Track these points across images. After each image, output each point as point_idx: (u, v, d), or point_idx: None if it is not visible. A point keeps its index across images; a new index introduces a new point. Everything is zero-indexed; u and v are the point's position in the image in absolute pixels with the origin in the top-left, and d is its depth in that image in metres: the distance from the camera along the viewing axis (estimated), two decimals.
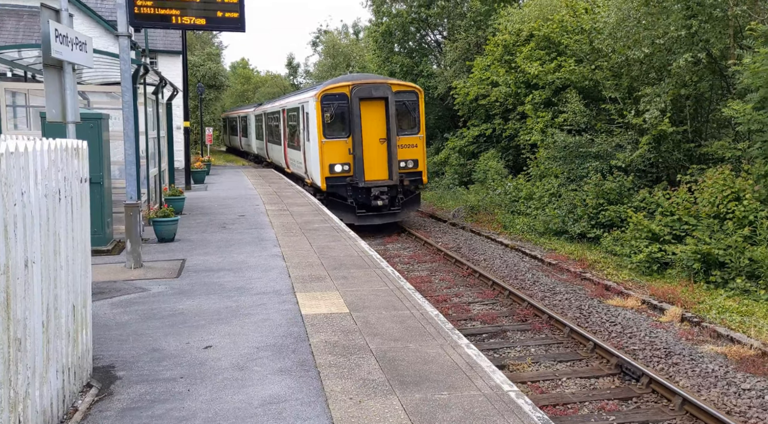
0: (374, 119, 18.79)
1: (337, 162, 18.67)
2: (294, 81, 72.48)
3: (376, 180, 18.74)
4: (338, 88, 19.08)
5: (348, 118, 18.70)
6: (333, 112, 18.72)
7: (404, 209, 19.49)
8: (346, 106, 18.70)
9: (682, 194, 14.75)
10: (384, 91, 18.80)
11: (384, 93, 18.79)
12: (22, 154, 4.34)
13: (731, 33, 16.20)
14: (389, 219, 19.07)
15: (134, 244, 10.34)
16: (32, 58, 14.23)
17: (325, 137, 18.71)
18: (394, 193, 18.97)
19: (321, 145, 18.77)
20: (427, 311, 7.81)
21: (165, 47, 34.38)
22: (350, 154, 18.60)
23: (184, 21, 11.55)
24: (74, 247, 5.48)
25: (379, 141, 18.92)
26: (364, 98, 18.61)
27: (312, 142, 19.63)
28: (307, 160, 20.75)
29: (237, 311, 7.94)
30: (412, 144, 19.46)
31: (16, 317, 4.19)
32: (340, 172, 18.68)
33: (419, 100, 19.70)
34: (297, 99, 23.35)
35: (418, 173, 19.63)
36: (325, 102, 18.77)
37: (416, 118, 19.64)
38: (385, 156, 18.89)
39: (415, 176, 19.60)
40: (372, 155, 18.73)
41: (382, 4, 34.40)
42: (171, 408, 5.31)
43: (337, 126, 18.92)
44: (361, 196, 18.63)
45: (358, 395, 5.46)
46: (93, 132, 10.83)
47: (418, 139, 19.64)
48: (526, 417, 5.03)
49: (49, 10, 7.49)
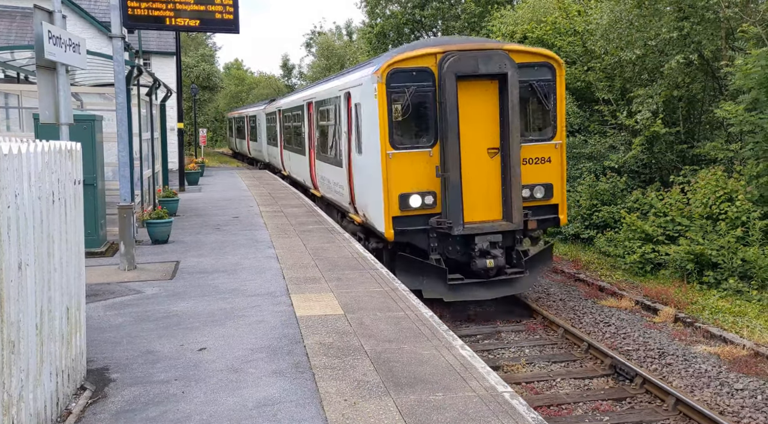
0: (480, 114, 10.96)
1: (414, 190, 10.84)
2: (288, 82, 72.47)
3: (482, 223, 10.92)
4: (417, 58, 10.90)
5: (434, 114, 10.86)
6: (408, 103, 10.79)
7: (529, 272, 11.31)
8: (430, 91, 10.84)
9: (675, 195, 14.82)
10: (499, 64, 10.68)
11: (500, 66, 10.68)
12: (16, 156, 4.33)
13: (723, 35, 16.29)
14: (504, 290, 11.18)
15: (128, 246, 10.31)
16: (25, 60, 14.20)
17: (393, 147, 10.79)
18: (510, 243, 11.28)
19: (386, 161, 10.76)
20: (421, 312, 7.82)
21: (158, 48, 34.30)
22: (438, 176, 10.80)
23: (178, 22, 11.52)
24: (68, 249, 5.47)
25: (488, 153, 11.01)
26: (466, 76, 10.65)
27: (368, 155, 11.58)
28: (356, 185, 12.62)
29: (231, 313, 7.93)
30: (542, 158, 11.45)
31: (9, 320, 4.18)
32: (418, 208, 10.86)
33: (556, 78, 11.46)
34: (335, 85, 14.77)
35: (551, 208, 11.57)
36: (394, 84, 10.75)
37: (551, 111, 11.46)
38: (498, 179, 11.00)
39: (548, 213, 11.55)
40: (476, 178, 10.93)
41: (376, 6, 34.42)
42: (165, 410, 5.30)
43: (414, 127, 11.14)
44: (455, 251, 11.08)
45: (353, 397, 5.46)
46: (86, 134, 10.80)
47: (552, 148, 11.48)
48: (520, 418, 5.04)
49: (42, 11, 7.48)
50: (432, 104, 10.83)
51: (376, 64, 11.60)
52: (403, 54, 11.03)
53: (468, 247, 10.95)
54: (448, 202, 10.63)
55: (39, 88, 7.77)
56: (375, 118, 10.87)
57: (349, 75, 14.05)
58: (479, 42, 11.80)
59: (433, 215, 10.90)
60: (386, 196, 10.76)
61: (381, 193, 10.83)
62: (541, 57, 11.41)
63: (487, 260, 10.71)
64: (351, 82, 12.95)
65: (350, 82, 13.03)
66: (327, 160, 15.69)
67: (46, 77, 7.75)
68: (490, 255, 10.75)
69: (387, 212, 10.80)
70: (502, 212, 11.04)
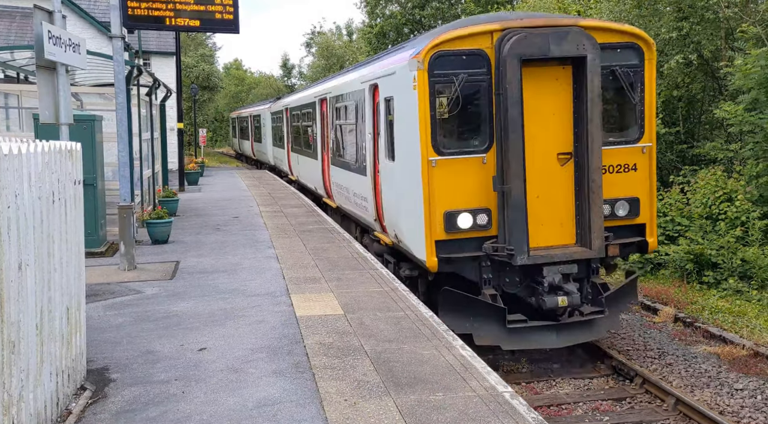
0: (549, 109, 8.78)
1: (463, 207, 8.64)
2: (288, 82, 72.51)
3: (551, 249, 8.74)
4: (468, 38, 8.63)
5: (489, 109, 8.66)
6: (456, 96, 8.54)
7: (610, 311, 8.91)
8: (484, 79, 8.62)
9: (674, 195, 14.84)
10: (577, 44, 8.46)
11: (577, 47, 8.47)
12: (16, 156, 4.33)
13: (723, 35, 16.32)
14: (579, 335, 8.89)
15: (128, 246, 10.31)
16: (25, 60, 14.20)
17: (437, 152, 8.59)
18: (584, 274, 8.94)
19: (428, 170, 8.58)
20: (421, 312, 7.82)
21: (158, 48, 34.30)
22: (496, 190, 8.57)
23: (178, 22, 11.52)
24: (68, 249, 5.47)
25: (558, 159, 8.81)
26: (532, 60, 8.50)
27: (403, 163, 9.40)
28: (386, 199, 10.35)
29: (231, 313, 7.94)
30: (626, 165, 9.17)
31: (9, 320, 4.18)
32: (468, 230, 8.67)
33: (644, 63, 9.17)
34: (357, 76, 12.38)
35: (636, 229, 9.33)
36: (440, 71, 8.56)
37: (637, 105, 9.18)
38: (570, 192, 8.84)
39: (632, 235, 9.32)
40: (543, 191, 8.75)
41: (376, 6, 34.43)
42: (165, 410, 5.30)
43: (463, 126, 9.00)
44: (515, 284, 8.86)
45: (353, 397, 5.46)
46: (86, 134, 10.80)
47: (639, 153, 9.24)
48: (520, 418, 5.04)
49: (42, 11, 7.48)
50: (486, 97, 8.62)
51: (414, 46, 9.28)
52: (450, 33, 8.60)
53: (532, 279, 8.71)
54: (507, 222, 8.41)
55: (39, 88, 7.77)
56: (413, 116, 8.62)
57: (375, 63, 11.56)
58: (546, 17, 9.30)
59: (487, 239, 8.67)
60: (428, 214, 8.54)
61: (421, 210, 8.59)
62: (626, 36, 9.06)
63: (558, 297, 8.43)
64: (379, 71, 10.56)
65: (378, 71, 10.65)
66: (345, 167, 13.44)
67: (46, 77, 7.75)
68: (563, 291, 8.50)
69: (429, 235, 8.55)
70: (576, 235, 8.80)
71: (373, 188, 11.09)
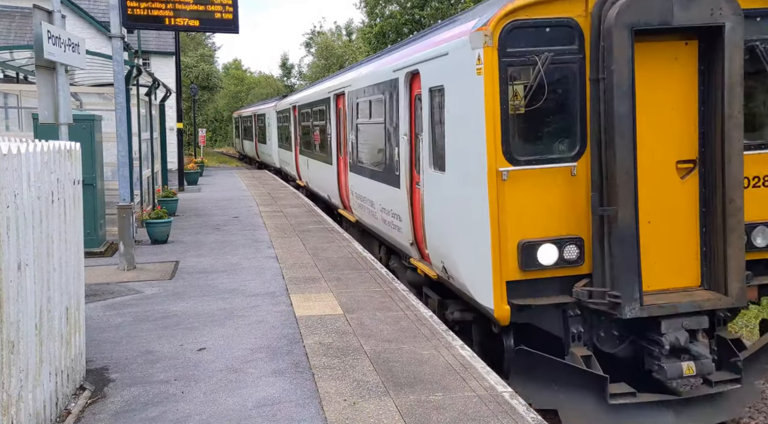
0: (665, 100, 6.58)
1: (546, 235, 6.44)
2: (288, 82, 72.52)
3: (669, 293, 6.48)
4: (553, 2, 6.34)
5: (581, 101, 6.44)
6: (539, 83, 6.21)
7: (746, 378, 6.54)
8: (575, 60, 6.39)
9: None
10: (711, 8, 6.18)
11: (710, 12, 6.18)
12: (15, 156, 4.32)
13: None
14: (708, 416, 6.45)
15: (127, 246, 10.31)
16: (24, 60, 14.21)
17: (510, 160, 6.39)
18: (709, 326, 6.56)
19: (497, 185, 6.39)
20: (421, 312, 7.82)
21: (158, 48, 34.30)
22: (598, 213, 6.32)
23: (178, 22, 11.53)
24: (67, 249, 5.47)
25: (677, 170, 6.64)
26: (647, 31, 6.21)
27: (457, 173, 7.31)
28: (430, 218, 8.21)
29: (231, 313, 7.93)
30: (766, 177, 6.99)
31: (9, 320, 4.18)
32: (551, 267, 6.44)
33: None
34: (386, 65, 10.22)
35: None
36: (515, 49, 6.31)
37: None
38: (694, 215, 6.64)
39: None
40: (656, 213, 6.55)
41: (375, 6, 34.45)
42: (165, 410, 5.29)
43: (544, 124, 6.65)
44: (615, 340, 6.61)
45: (353, 397, 5.46)
46: (86, 133, 10.80)
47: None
48: (519, 418, 5.04)
49: (41, 11, 7.47)
50: (578, 84, 6.38)
51: (475, 17, 6.96)
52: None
53: (642, 336, 6.49)
54: (610, 258, 6.20)
55: (38, 88, 7.76)
56: (476, 111, 6.47)
57: (413, 45, 9.38)
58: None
59: (576, 278, 6.44)
60: (497, 245, 6.32)
61: (486, 239, 6.37)
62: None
63: (683, 363, 6.21)
64: (420, 55, 8.41)
65: (419, 55, 8.48)
66: (369, 175, 11.19)
67: (45, 77, 7.75)
68: (689, 353, 6.28)
69: (498, 274, 6.33)
70: (702, 275, 6.58)
71: (409, 204, 9.05)
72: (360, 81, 12.03)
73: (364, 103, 11.64)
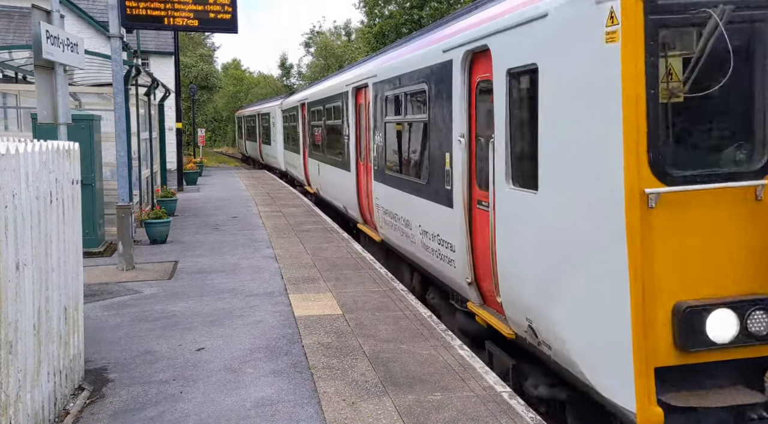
0: None
1: (715, 295, 4.28)
2: (287, 82, 72.51)
3: None
4: None
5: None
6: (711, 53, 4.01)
7: None
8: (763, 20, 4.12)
9: None
10: None
11: None
12: (13, 156, 4.32)
13: None
14: None
15: (126, 246, 10.30)
16: (23, 59, 14.20)
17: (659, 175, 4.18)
18: None
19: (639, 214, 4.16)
20: (420, 312, 7.82)
21: (157, 48, 34.29)
22: None
23: (176, 22, 11.52)
24: (66, 249, 5.46)
25: None
26: None
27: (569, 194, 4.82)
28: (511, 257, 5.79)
29: (230, 313, 7.93)
30: None
31: (7, 320, 4.18)
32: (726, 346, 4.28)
33: None
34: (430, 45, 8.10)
35: None
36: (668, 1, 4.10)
37: None
38: None
39: None
40: None
41: (374, 6, 34.46)
42: (164, 410, 5.29)
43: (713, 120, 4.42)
44: None
45: (351, 397, 5.46)
46: (84, 133, 10.79)
47: None
48: (518, 418, 5.04)
49: (40, 11, 7.47)
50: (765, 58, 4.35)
51: None
52: None
53: None
54: None
55: (37, 87, 7.76)
56: (605, 98, 4.39)
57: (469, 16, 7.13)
58: None
59: (763, 360, 4.51)
60: (639, 310, 4.28)
61: (620, 300, 4.34)
62: None
63: None
64: (492, 24, 6.13)
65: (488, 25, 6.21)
66: (404, 187, 9.18)
67: (44, 77, 7.74)
68: None
69: (640, 356, 4.29)
70: None
71: (467, 231, 6.91)
72: (390, 70, 9.76)
73: (396, 97, 9.50)
